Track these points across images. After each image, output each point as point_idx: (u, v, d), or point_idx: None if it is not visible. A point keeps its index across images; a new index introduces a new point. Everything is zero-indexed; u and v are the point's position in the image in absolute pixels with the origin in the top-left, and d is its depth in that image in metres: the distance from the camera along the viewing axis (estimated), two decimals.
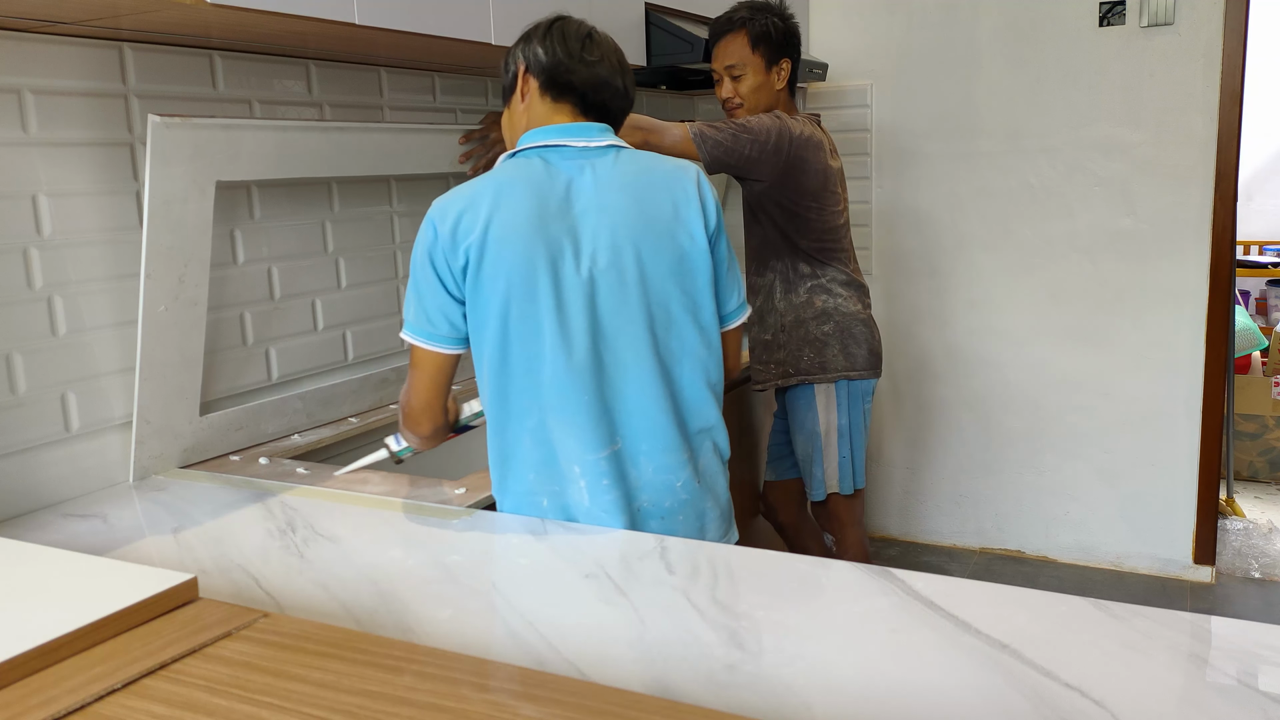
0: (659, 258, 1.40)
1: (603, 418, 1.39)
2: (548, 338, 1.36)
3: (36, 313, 1.50)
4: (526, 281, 1.34)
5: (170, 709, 0.74)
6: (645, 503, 1.43)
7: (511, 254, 1.34)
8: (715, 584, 1.14)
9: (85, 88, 1.55)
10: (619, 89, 1.46)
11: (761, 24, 2.16)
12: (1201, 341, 2.99)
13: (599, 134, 1.43)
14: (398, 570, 1.21)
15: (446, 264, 1.36)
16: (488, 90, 2.41)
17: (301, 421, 1.91)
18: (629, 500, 1.42)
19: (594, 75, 1.42)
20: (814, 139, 2.15)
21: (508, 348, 1.37)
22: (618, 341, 1.39)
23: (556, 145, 1.40)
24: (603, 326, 1.38)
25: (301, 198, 1.94)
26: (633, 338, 1.39)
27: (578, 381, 1.37)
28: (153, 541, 1.36)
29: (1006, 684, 0.89)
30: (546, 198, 1.36)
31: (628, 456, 1.42)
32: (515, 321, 1.36)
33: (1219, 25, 2.81)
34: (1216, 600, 3.02)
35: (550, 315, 1.35)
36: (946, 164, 3.23)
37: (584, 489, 1.40)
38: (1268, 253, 5.19)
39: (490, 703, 0.73)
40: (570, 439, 1.38)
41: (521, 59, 1.46)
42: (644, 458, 1.42)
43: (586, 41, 1.44)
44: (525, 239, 1.34)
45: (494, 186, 1.37)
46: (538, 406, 1.38)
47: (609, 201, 1.39)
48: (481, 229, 1.34)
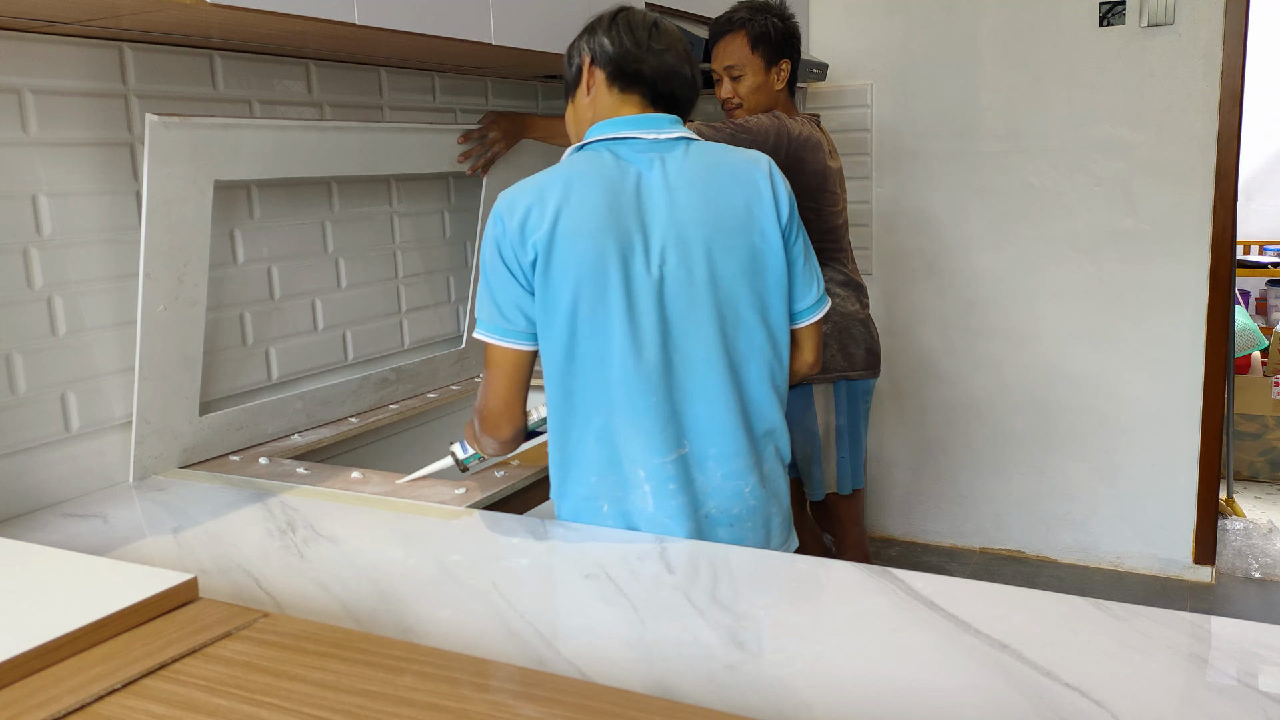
0: (729, 256, 1.36)
1: (671, 420, 1.35)
2: (617, 337, 1.32)
3: (36, 313, 1.50)
4: (596, 278, 1.31)
5: (170, 709, 0.74)
6: (713, 509, 1.39)
7: (581, 250, 1.30)
8: (715, 584, 1.14)
9: (85, 88, 1.55)
10: (688, 78, 1.42)
11: (761, 25, 2.16)
12: (1201, 341, 2.99)
13: (669, 125, 1.39)
14: (398, 570, 1.21)
15: (515, 258, 1.32)
16: (488, 90, 2.41)
17: (301, 421, 1.91)
18: (695, 506, 1.38)
19: (663, 64, 1.39)
20: (812, 139, 2.15)
21: (575, 346, 1.33)
22: (686, 341, 1.35)
23: (626, 138, 1.37)
24: (672, 326, 1.34)
25: (301, 198, 1.94)
26: (701, 338, 1.35)
27: (646, 383, 1.33)
28: (153, 541, 1.36)
29: (1006, 684, 0.89)
30: (617, 192, 1.33)
31: (695, 461, 1.38)
32: (584, 320, 1.32)
33: (1219, 25, 2.81)
34: (1216, 600, 3.02)
35: (620, 314, 1.31)
36: (946, 164, 3.23)
37: (649, 494, 1.35)
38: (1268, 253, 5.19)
39: (490, 703, 0.73)
40: (636, 442, 1.34)
41: (586, 51, 1.43)
42: (712, 462, 1.38)
43: (653, 30, 1.40)
44: (595, 234, 1.30)
45: (563, 179, 1.33)
46: (604, 408, 1.34)
47: (680, 198, 1.35)
48: (550, 223, 1.30)
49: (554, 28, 2.00)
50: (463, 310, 2.38)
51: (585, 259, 1.30)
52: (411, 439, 2.12)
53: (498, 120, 2.12)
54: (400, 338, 2.21)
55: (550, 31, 1.99)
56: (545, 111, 2.63)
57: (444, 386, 2.25)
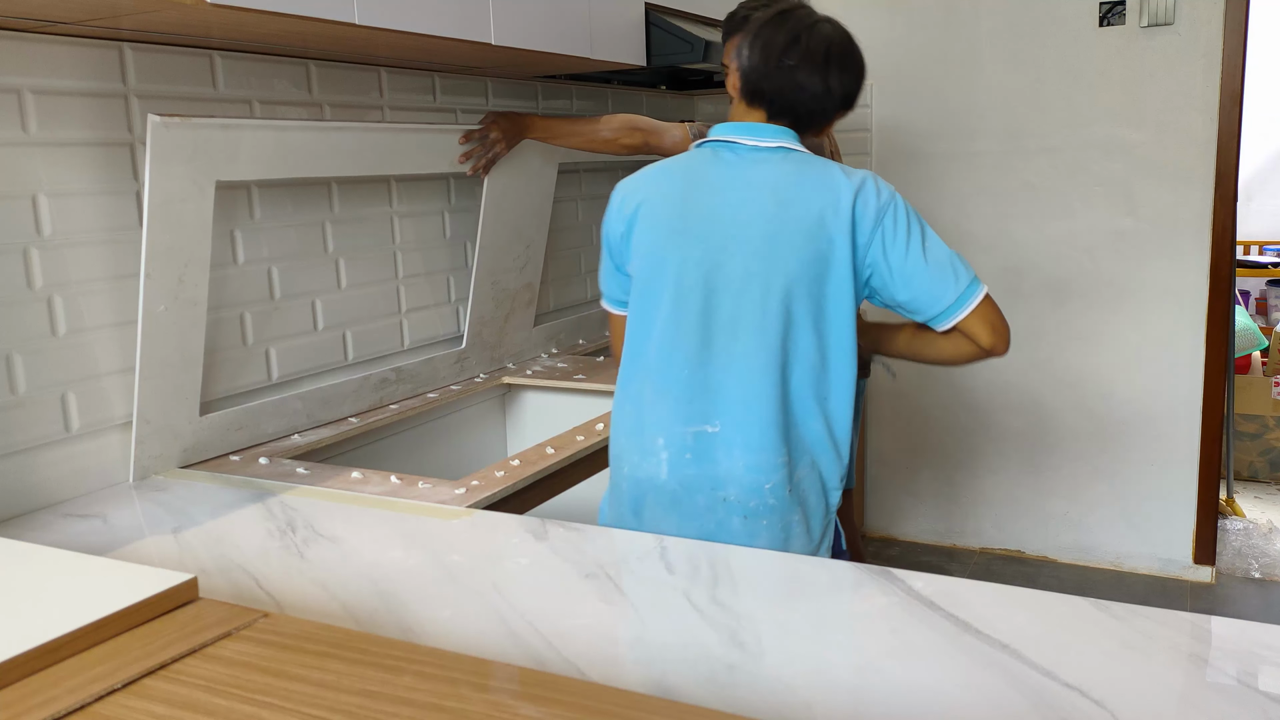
0: (791, 257, 1.37)
1: (700, 395, 1.41)
2: (662, 311, 1.43)
3: (36, 313, 1.50)
4: (655, 256, 1.44)
5: (170, 709, 0.74)
6: (731, 495, 1.41)
7: (649, 231, 1.45)
8: (715, 584, 1.14)
9: (85, 88, 1.55)
10: (816, 93, 1.43)
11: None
12: (1201, 341, 2.99)
13: (774, 135, 1.44)
14: (398, 570, 1.21)
15: (608, 234, 1.52)
16: (488, 90, 2.41)
17: (301, 421, 1.91)
18: (712, 486, 1.41)
19: (789, 82, 1.42)
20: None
21: (633, 316, 1.49)
22: (733, 328, 1.40)
23: (730, 141, 1.45)
24: (717, 310, 1.40)
25: (301, 198, 1.94)
26: (750, 328, 1.39)
27: (680, 355, 1.42)
28: (153, 541, 1.36)
29: (1006, 684, 0.89)
30: (697, 185, 1.44)
31: (722, 443, 1.41)
32: (639, 294, 1.47)
33: (1219, 25, 2.81)
34: (1216, 600, 3.02)
35: (669, 291, 1.42)
36: (947, 164, 3.23)
37: (664, 461, 1.42)
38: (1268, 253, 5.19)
39: (490, 703, 0.73)
40: (661, 408, 1.43)
41: (734, 55, 1.48)
42: (739, 449, 1.40)
43: (791, 45, 1.42)
44: (664, 219, 1.44)
45: (660, 168, 1.50)
46: (641, 374, 1.46)
47: (754, 196, 1.41)
48: (634, 206, 1.47)
49: (554, 28, 2.00)
50: (463, 310, 2.38)
51: (651, 238, 1.45)
52: (411, 439, 2.12)
53: (498, 120, 2.12)
54: (400, 338, 2.21)
55: (550, 31, 1.99)
56: (545, 111, 2.63)
57: (444, 386, 2.25)
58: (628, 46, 2.27)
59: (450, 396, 2.20)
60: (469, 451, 2.28)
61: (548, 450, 1.74)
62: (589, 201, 2.92)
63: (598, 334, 2.88)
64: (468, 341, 2.31)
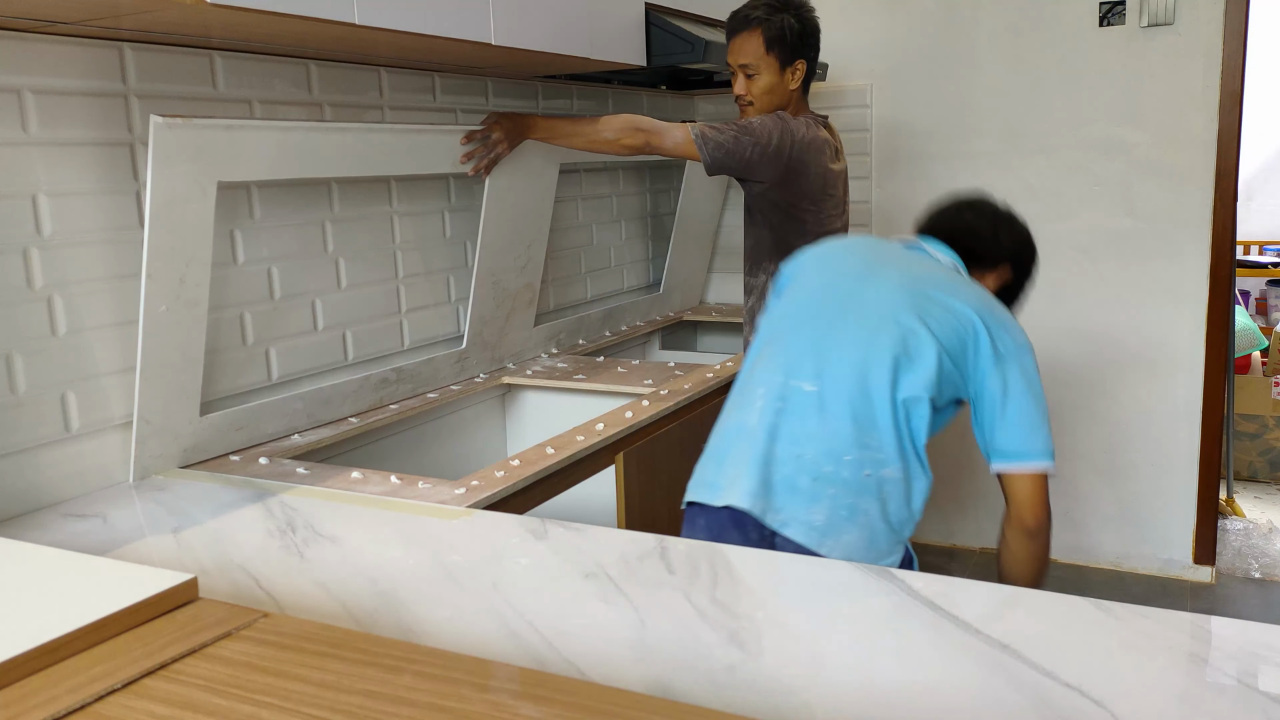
0: (932, 322, 1.51)
1: (810, 357, 1.54)
2: (799, 300, 1.66)
3: (36, 313, 1.50)
4: (810, 276, 1.69)
5: (170, 709, 0.74)
6: (807, 455, 1.48)
7: (824, 256, 1.73)
8: (715, 584, 1.14)
9: (85, 88, 1.55)
10: (987, 239, 1.70)
11: (777, 25, 2.14)
12: (1201, 341, 2.99)
13: (944, 251, 1.67)
14: (398, 570, 1.21)
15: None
16: (488, 90, 2.41)
17: (302, 421, 1.91)
18: (794, 441, 1.49)
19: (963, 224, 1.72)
20: (816, 142, 2.15)
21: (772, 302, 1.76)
22: (861, 322, 1.54)
23: (919, 247, 1.70)
24: (849, 306, 1.57)
25: (301, 198, 1.94)
26: (873, 330, 1.52)
27: (804, 327, 1.59)
28: (153, 541, 1.36)
29: (1006, 684, 0.89)
30: (876, 249, 1.72)
31: (815, 401, 1.51)
32: (778, 296, 1.74)
33: (1219, 25, 2.81)
34: (1216, 600, 3.02)
35: (814, 289, 1.65)
36: (946, 164, 3.23)
37: (758, 410, 1.54)
38: (1268, 253, 5.19)
39: (490, 703, 0.73)
40: (770, 364, 1.58)
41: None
42: (830, 414, 1.49)
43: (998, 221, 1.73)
44: (839, 254, 1.73)
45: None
46: (763, 343, 1.66)
47: (903, 274, 1.60)
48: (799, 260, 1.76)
49: (554, 28, 2.00)
50: (463, 310, 2.38)
51: (822, 260, 1.71)
52: (411, 439, 2.12)
53: (500, 121, 2.12)
54: (400, 338, 2.21)
55: (550, 31, 1.99)
56: (545, 111, 2.63)
57: (444, 386, 2.25)
58: (628, 46, 2.27)
59: (450, 396, 2.20)
60: (469, 451, 2.28)
61: (548, 450, 1.74)
62: (589, 201, 2.92)
63: (598, 334, 2.88)
64: (468, 341, 2.31)
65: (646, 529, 1.78)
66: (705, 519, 1.53)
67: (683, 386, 2.19)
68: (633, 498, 1.94)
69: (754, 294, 2.31)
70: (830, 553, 1.43)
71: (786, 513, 1.46)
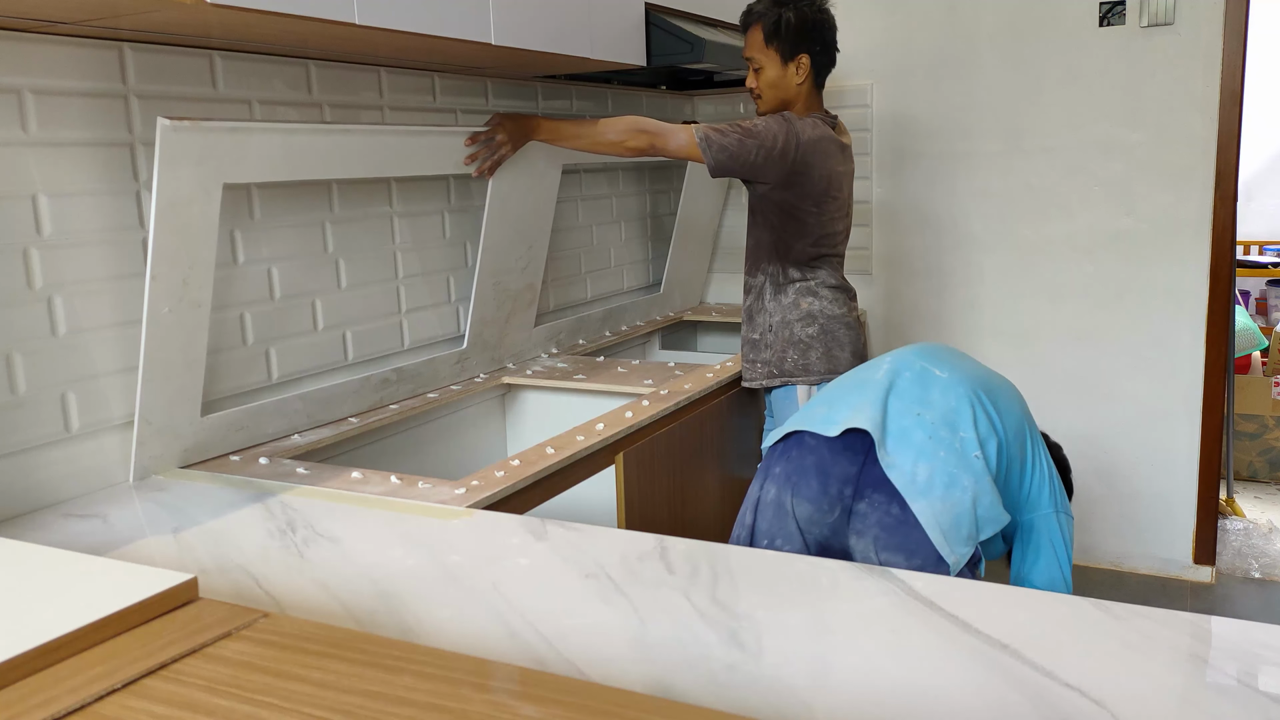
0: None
1: (941, 358, 1.73)
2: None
3: (36, 313, 1.50)
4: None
5: (170, 709, 0.74)
6: (927, 417, 1.60)
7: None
8: (715, 584, 1.14)
9: (85, 88, 1.55)
10: None
11: (773, 19, 2.14)
12: (1201, 341, 2.99)
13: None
14: (398, 570, 1.21)
15: None
16: (488, 90, 2.41)
17: (302, 422, 1.91)
18: (916, 405, 1.60)
19: None
20: (822, 143, 2.14)
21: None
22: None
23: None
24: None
25: (301, 198, 1.94)
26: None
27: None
28: (153, 541, 1.36)
29: (1006, 684, 0.89)
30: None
31: (939, 384, 1.65)
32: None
33: (1219, 25, 2.81)
34: (1216, 600, 3.02)
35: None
36: (946, 164, 3.23)
37: (885, 371, 1.68)
38: (1268, 253, 5.19)
39: (490, 703, 0.73)
40: (904, 351, 1.76)
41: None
42: (954, 397, 1.64)
43: None
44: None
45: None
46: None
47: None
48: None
49: (554, 28, 2.00)
50: (462, 310, 2.38)
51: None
52: (411, 439, 2.12)
53: (504, 123, 2.12)
54: (400, 338, 2.21)
55: (550, 31, 1.99)
56: (545, 112, 2.63)
57: (444, 387, 2.25)
58: (628, 46, 2.27)
59: (450, 396, 2.20)
60: (469, 451, 2.28)
61: (548, 450, 1.74)
62: (589, 202, 2.92)
63: (598, 334, 2.88)
64: (469, 342, 2.31)
65: (646, 529, 1.79)
66: (814, 442, 1.61)
67: (683, 386, 2.19)
68: (633, 498, 1.94)
69: (753, 294, 2.31)
70: (921, 512, 1.47)
71: (895, 458, 1.51)
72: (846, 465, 1.54)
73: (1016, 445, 1.64)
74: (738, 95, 3.42)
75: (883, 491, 1.50)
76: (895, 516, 1.48)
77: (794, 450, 1.61)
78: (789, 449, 1.64)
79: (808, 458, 1.57)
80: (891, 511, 1.49)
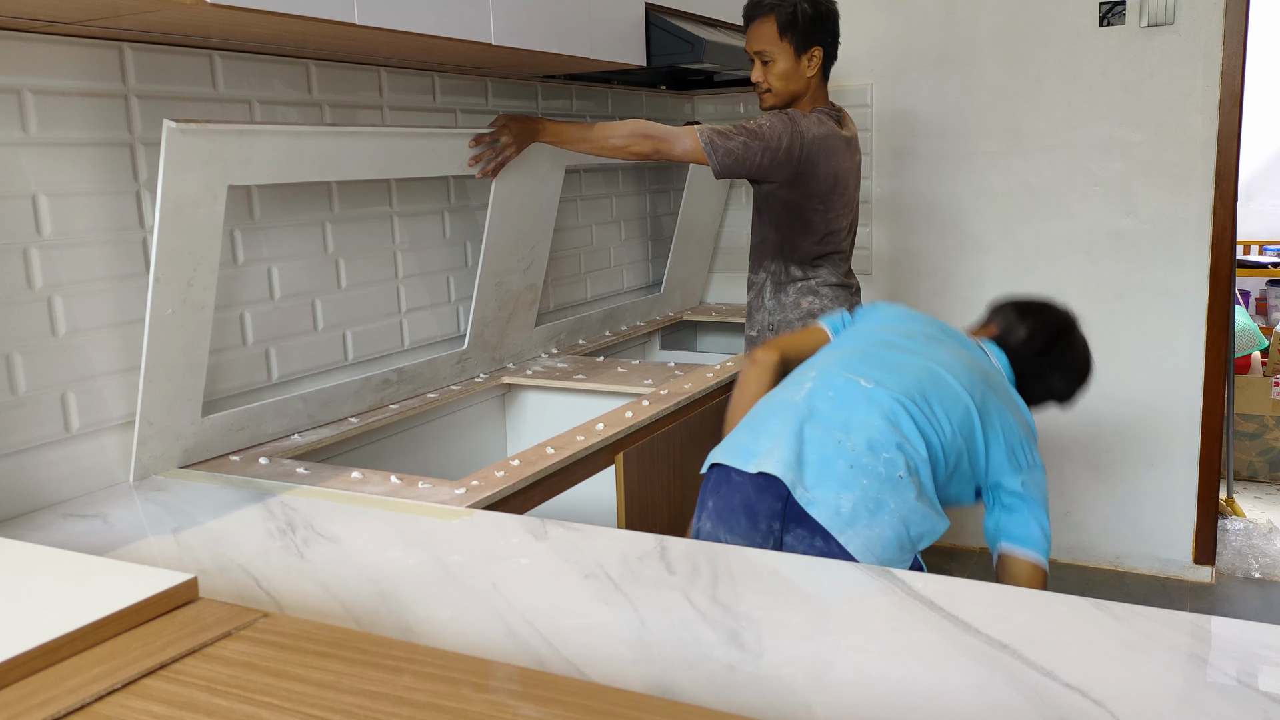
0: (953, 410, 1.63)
1: (870, 362, 1.64)
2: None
3: (36, 313, 1.50)
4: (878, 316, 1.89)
5: (170, 709, 0.74)
6: (848, 443, 1.53)
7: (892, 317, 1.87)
8: (715, 584, 1.14)
9: (85, 88, 1.55)
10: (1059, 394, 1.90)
11: (789, 10, 2.13)
12: (1201, 341, 2.99)
13: (1004, 366, 1.78)
14: (398, 570, 1.21)
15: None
16: (487, 90, 2.41)
17: (302, 422, 1.91)
18: (840, 428, 1.54)
19: (1035, 370, 1.84)
20: (827, 140, 2.13)
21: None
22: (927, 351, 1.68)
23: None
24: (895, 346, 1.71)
25: (302, 198, 1.94)
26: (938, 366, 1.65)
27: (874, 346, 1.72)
28: (153, 541, 1.36)
29: (1006, 684, 0.89)
30: (934, 325, 1.82)
31: (865, 398, 1.57)
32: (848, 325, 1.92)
33: (1219, 25, 2.81)
34: (1216, 600, 3.02)
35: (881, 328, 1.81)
36: (947, 164, 3.23)
37: (807, 391, 1.60)
38: (1268, 253, 5.19)
39: (490, 703, 0.73)
40: (829, 357, 1.71)
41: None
42: (877, 413, 1.55)
43: (1051, 349, 1.86)
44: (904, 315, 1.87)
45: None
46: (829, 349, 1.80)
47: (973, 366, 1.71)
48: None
49: (554, 28, 2.00)
50: (462, 310, 2.38)
51: (902, 314, 1.87)
52: (411, 439, 2.12)
53: (509, 124, 2.11)
54: (400, 338, 2.21)
55: (550, 31, 1.99)
56: (545, 112, 2.63)
57: (444, 387, 2.25)
58: (628, 46, 2.27)
59: (450, 396, 2.20)
60: (469, 451, 2.28)
61: (548, 450, 1.74)
62: (589, 202, 2.92)
63: (598, 334, 2.88)
64: (469, 342, 2.31)
65: (646, 529, 1.79)
66: (739, 479, 1.56)
67: (683, 386, 2.19)
68: (633, 498, 1.94)
69: (754, 290, 2.31)
70: (848, 543, 1.44)
71: (816, 493, 1.47)
72: (771, 501, 1.49)
73: (963, 435, 1.58)
74: (738, 95, 3.42)
75: (806, 525, 1.46)
76: (819, 549, 1.46)
77: (723, 486, 1.58)
78: (719, 483, 1.59)
79: (735, 495, 1.54)
80: (815, 545, 1.46)
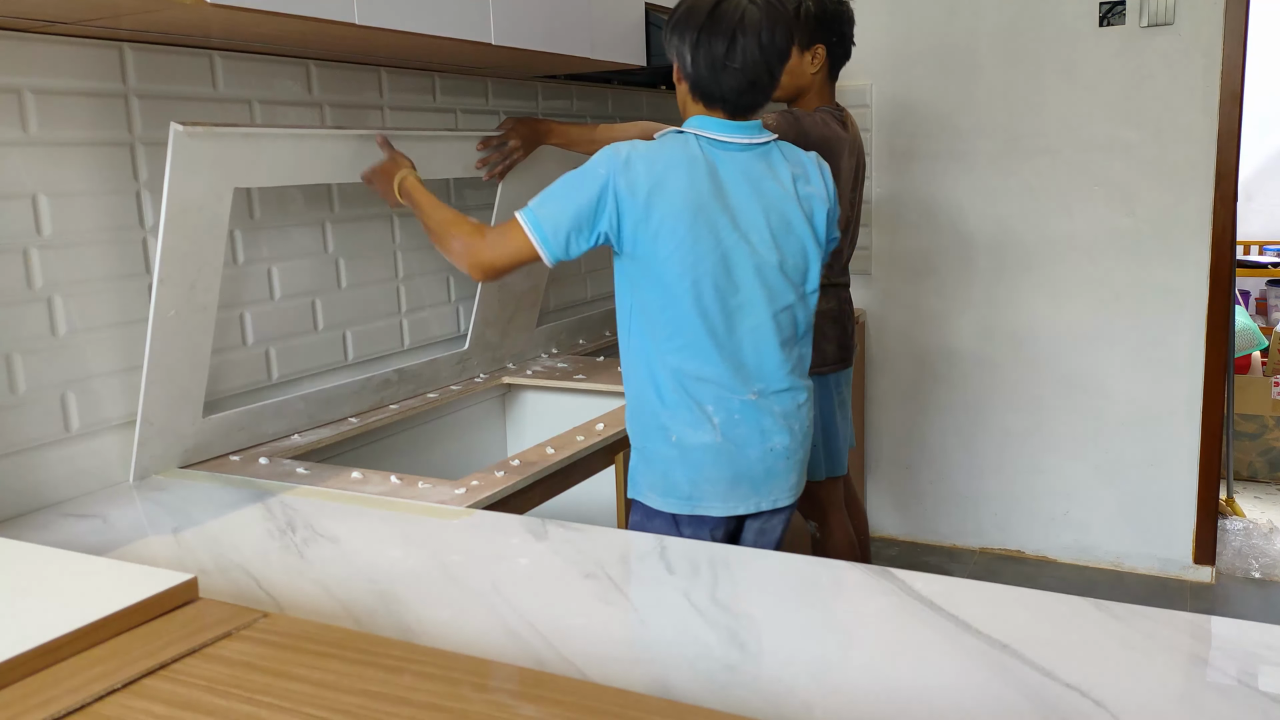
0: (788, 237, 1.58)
1: (737, 367, 1.61)
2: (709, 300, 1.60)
3: (36, 313, 1.50)
4: (688, 240, 1.53)
5: (170, 709, 0.74)
6: (778, 445, 1.65)
7: (675, 213, 1.50)
8: (715, 584, 1.14)
9: (85, 88, 1.55)
10: (764, 87, 1.55)
11: (793, 6, 2.13)
12: (1201, 341, 2.99)
13: (756, 132, 1.57)
14: (398, 570, 1.21)
15: (617, 189, 1.51)
16: (487, 91, 2.41)
17: (302, 422, 1.91)
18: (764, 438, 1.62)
19: (739, 82, 1.52)
20: (829, 141, 2.13)
21: (670, 305, 1.59)
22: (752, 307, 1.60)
23: (718, 140, 1.54)
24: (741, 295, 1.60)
25: (302, 198, 1.94)
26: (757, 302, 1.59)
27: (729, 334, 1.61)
28: (153, 541, 1.36)
29: (1006, 684, 0.89)
30: (700, 176, 1.52)
31: (762, 408, 1.62)
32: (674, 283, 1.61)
33: (1219, 25, 2.81)
34: (1216, 600, 3.02)
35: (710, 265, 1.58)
36: (946, 164, 3.23)
37: (716, 427, 1.62)
38: (1268, 253, 5.19)
39: (490, 703, 0.73)
40: (711, 383, 1.63)
41: (675, 56, 1.58)
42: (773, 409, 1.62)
43: (731, 45, 1.50)
44: (688, 208, 1.51)
45: (663, 154, 1.52)
46: (690, 349, 1.63)
47: (759, 188, 1.56)
48: (651, 181, 1.49)
49: (554, 28, 2.00)
50: (463, 310, 2.38)
51: (679, 221, 1.50)
52: (411, 439, 2.12)
53: (517, 127, 2.11)
54: (400, 338, 2.21)
55: (550, 31, 1.99)
56: (545, 112, 2.63)
57: (445, 387, 2.25)
58: (628, 46, 2.27)
59: (450, 396, 2.20)
60: (469, 451, 2.28)
61: (548, 450, 1.74)
62: None
63: (598, 334, 2.88)
64: (471, 342, 2.31)
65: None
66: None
67: None
68: None
69: None
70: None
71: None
72: None
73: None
74: None
75: None
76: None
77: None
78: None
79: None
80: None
